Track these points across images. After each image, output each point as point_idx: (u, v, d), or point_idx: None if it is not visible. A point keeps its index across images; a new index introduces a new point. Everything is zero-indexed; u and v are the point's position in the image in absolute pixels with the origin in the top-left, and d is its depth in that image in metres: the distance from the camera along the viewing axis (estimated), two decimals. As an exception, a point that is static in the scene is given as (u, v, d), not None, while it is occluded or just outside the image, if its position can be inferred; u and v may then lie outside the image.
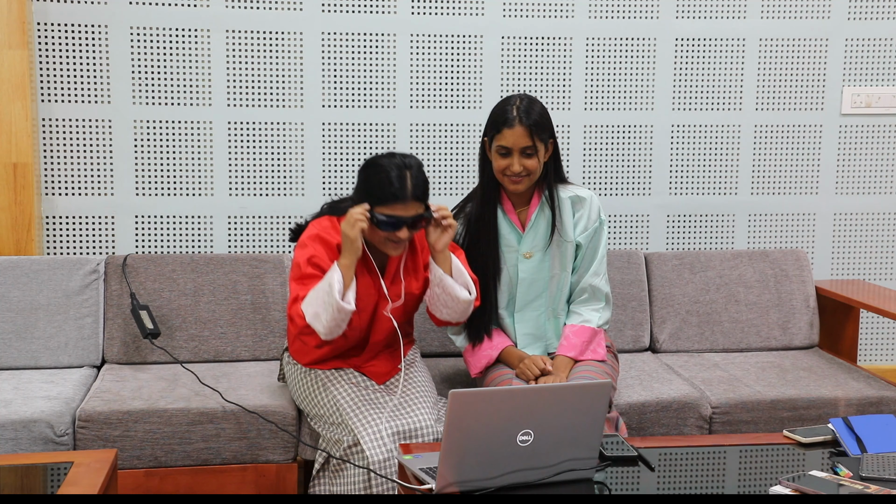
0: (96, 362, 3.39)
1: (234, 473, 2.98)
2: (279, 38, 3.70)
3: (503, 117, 2.89)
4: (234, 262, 3.51)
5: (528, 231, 3.01)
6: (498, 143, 2.90)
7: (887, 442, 2.53)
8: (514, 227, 3.02)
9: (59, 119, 3.61)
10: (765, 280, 3.74)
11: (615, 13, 3.85)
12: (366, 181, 2.75)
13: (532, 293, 3.04)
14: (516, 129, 2.86)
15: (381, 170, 2.72)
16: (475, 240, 3.00)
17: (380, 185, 2.70)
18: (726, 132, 3.98)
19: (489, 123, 2.95)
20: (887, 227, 4.10)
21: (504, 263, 3.03)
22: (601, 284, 3.06)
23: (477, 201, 3.01)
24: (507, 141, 2.88)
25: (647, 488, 2.36)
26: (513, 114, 2.88)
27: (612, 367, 3.04)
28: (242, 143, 3.73)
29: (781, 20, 3.94)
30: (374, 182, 2.72)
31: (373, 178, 2.73)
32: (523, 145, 2.87)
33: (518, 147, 2.87)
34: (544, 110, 2.94)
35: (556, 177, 3.02)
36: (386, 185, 2.69)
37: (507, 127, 2.87)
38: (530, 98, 2.95)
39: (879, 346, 4.17)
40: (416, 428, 2.76)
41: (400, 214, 2.69)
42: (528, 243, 3.02)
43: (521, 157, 2.88)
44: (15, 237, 3.52)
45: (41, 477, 2.45)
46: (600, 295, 3.06)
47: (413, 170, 2.72)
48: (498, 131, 2.89)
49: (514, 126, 2.86)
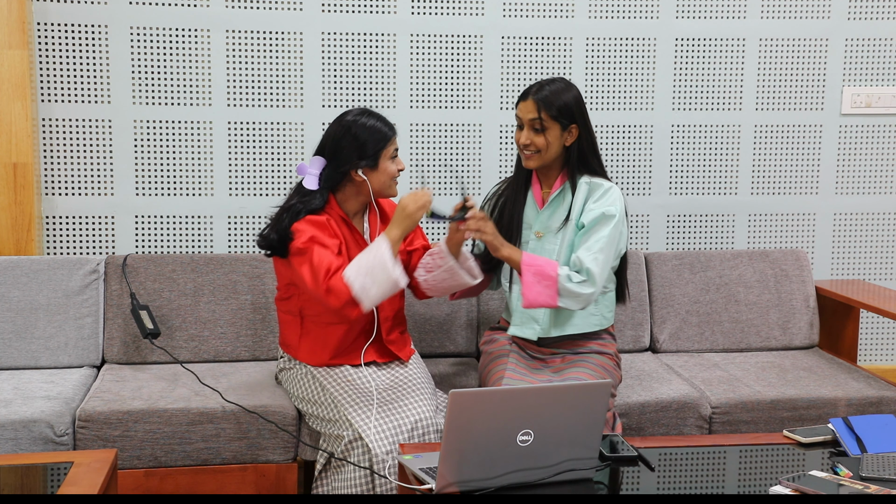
0: (96, 362, 3.39)
1: (234, 473, 2.98)
2: (279, 38, 3.70)
3: (522, 92, 3.02)
4: (234, 262, 3.51)
5: (544, 211, 3.04)
6: (516, 114, 3.02)
7: (887, 442, 2.53)
8: (535, 205, 3.07)
9: (59, 119, 3.61)
10: (765, 280, 3.74)
11: (615, 13, 3.85)
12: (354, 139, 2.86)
13: None
14: (527, 102, 2.97)
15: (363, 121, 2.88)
16: (500, 213, 3.11)
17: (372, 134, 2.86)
18: (726, 132, 3.98)
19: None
20: (887, 227, 4.10)
21: (520, 237, 3.06)
22: (587, 259, 2.88)
23: (511, 177, 3.15)
24: (520, 112, 2.99)
25: (647, 488, 2.36)
26: (530, 89, 2.99)
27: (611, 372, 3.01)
28: (242, 143, 3.73)
29: (781, 20, 3.94)
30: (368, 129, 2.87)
31: (361, 134, 2.86)
32: (531, 117, 2.96)
33: (527, 119, 2.97)
34: (566, 93, 2.98)
35: (580, 165, 3.01)
36: (380, 128, 2.88)
37: (521, 100, 3.00)
38: (559, 80, 3.02)
39: (879, 346, 4.17)
40: (415, 420, 2.76)
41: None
42: (542, 223, 3.04)
43: (530, 130, 2.97)
44: (15, 237, 3.52)
45: (41, 477, 2.45)
46: (582, 268, 2.90)
47: (372, 113, 2.93)
48: (516, 105, 3.02)
49: (526, 99, 2.98)
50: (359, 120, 2.89)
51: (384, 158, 2.89)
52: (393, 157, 2.92)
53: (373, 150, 2.87)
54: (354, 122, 2.89)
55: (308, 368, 2.98)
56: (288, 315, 3.03)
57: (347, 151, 2.87)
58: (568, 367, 2.98)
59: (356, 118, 2.90)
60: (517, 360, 3.00)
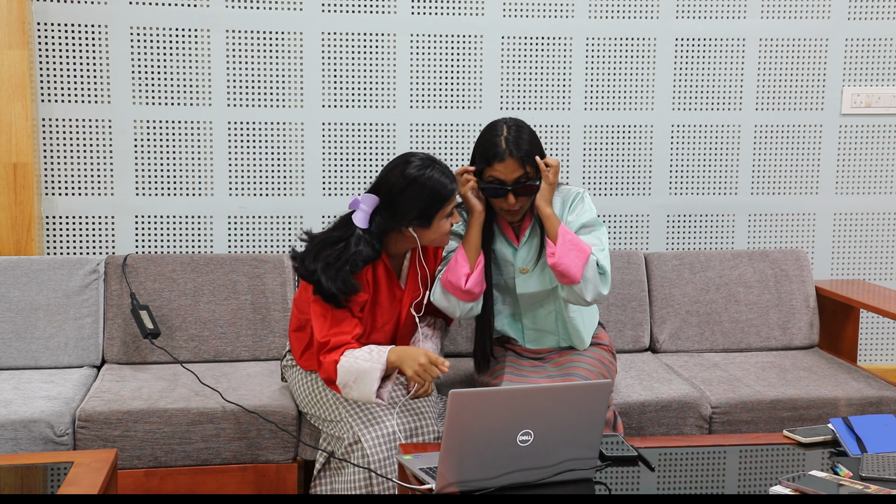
0: (96, 362, 3.39)
1: (234, 473, 2.98)
2: (279, 38, 3.70)
3: (493, 150, 2.82)
4: (234, 262, 3.51)
5: (522, 247, 2.97)
6: (490, 175, 2.84)
7: (887, 442, 2.53)
8: (510, 242, 2.98)
9: (59, 119, 3.61)
10: (765, 280, 3.74)
11: (615, 13, 3.85)
12: (413, 198, 2.75)
13: (536, 302, 3.02)
14: (508, 163, 2.80)
15: (426, 179, 2.75)
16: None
17: (432, 194, 2.75)
18: (726, 132, 3.98)
19: (479, 156, 2.87)
20: (887, 227, 4.10)
21: (501, 276, 3.01)
22: (602, 261, 2.87)
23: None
24: (499, 174, 2.82)
25: (647, 488, 2.36)
26: (503, 146, 2.81)
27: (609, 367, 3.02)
28: (242, 143, 3.73)
29: (781, 20, 3.94)
30: (429, 189, 2.75)
31: (420, 193, 2.75)
32: (516, 176, 2.82)
33: (511, 179, 2.82)
34: (532, 134, 2.87)
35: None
36: (442, 187, 2.75)
37: (497, 161, 2.81)
38: (517, 124, 2.87)
39: (879, 346, 4.17)
40: (416, 426, 2.77)
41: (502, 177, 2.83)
42: (523, 259, 2.97)
43: (515, 186, 2.83)
44: (15, 237, 3.52)
45: (41, 477, 2.45)
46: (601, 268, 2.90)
47: (439, 164, 2.81)
48: (489, 164, 2.83)
49: (505, 159, 2.80)
50: (422, 175, 2.74)
51: (439, 218, 2.78)
52: (449, 215, 2.81)
53: (429, 211, 2.76)
54: (417, 179, 2.74)
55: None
56: (299, 332, 3.00)
57: (404, 208, 2.76)
58: (567, 361, 2.98)
59: (420, 172, 2.75)
60: (514, 362, 2.99)
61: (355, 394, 2.71)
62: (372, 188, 2.83)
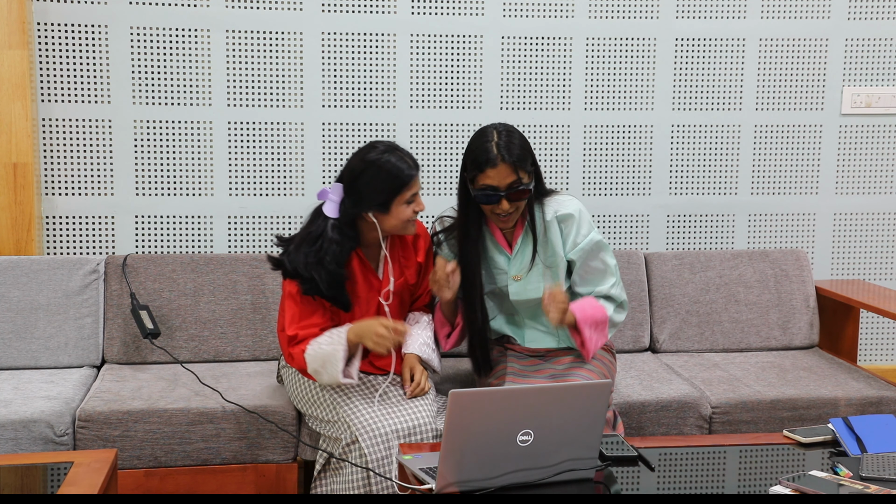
0: (96, 362, 3.39)
1: (234, 473, 2.98)
2: (279, 38, 3.70)
3: (485, 157, 2.80)
4: (234, 262, 3.51)
5: (516, 255, 2.96)
6: (483, 182, 2.83)
7: (887, 442, 2.53)
8: (502, 250, 2.97)
9: (59, 119, 3.61)
10: (765, 280, 3.74)
11: (615, 13, 3.85)
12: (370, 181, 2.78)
13: (533, 306, 3.02)
14: (500, 168, 2.79)
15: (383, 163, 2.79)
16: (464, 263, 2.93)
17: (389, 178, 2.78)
18: (726, 132, 3.98)
19: (470, 162, 2.85)
20: (887, 227, 4.10)
21: (495, 284, 3.01)
22: (616, 292, 2.97)
23: (459, 232, 2.94)
24: (492, 180, 2.81)
25: (647, 488, 2.36)
26: (494, 152, 2.79)
27: (609, 367, 3.02)
28: (242, 143, 3.73)
29: (781, 20, 3.94)
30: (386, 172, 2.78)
31: (377, 176, 2.78)
32: (509, 181, 2.81)
33: (504, 185, 2.81)
34: (523, 139, 2.87)
35: (538, 195, 2.94)
36: (399, 172, 2.78)
37: (490, 167, 2.79)
38: (508, 129, 2.86)
39: (879, 346, 4.17)
40: (415, 425, 2.76)
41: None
42: (517, 266, 2.97)
43: (508, 192, 2.82)
44: (15, 237, 3.52)
45: (41, 477, 2.45)
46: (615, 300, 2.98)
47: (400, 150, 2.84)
48: (481, 171, 2.81)
49: (497, 165, 2.79)
50: (381, 159, 2.78)
51: (397, 204, 2.79)
52: (409, 202, 2.81)
53: (386, 196, 2.79)
54: (375, 162, 2.78)
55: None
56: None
57: (362, 192, 2.79)
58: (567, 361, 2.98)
59: (379, 156, 2.79)
60: (515, 363, 3.00)
61: (326, 378, 2.76)
62: (338, 177, 2.88)
